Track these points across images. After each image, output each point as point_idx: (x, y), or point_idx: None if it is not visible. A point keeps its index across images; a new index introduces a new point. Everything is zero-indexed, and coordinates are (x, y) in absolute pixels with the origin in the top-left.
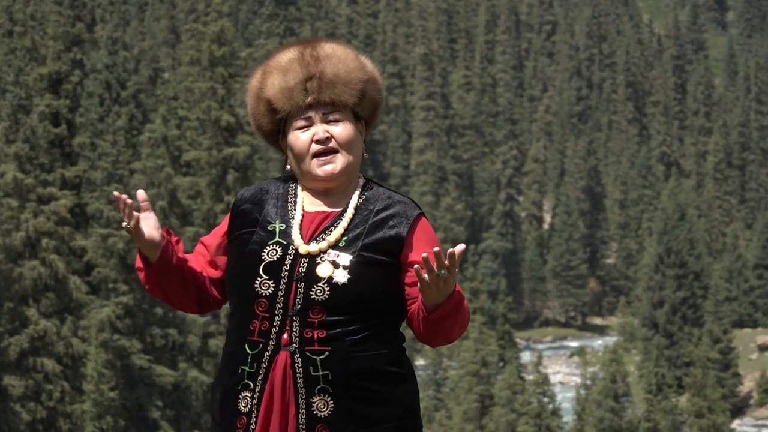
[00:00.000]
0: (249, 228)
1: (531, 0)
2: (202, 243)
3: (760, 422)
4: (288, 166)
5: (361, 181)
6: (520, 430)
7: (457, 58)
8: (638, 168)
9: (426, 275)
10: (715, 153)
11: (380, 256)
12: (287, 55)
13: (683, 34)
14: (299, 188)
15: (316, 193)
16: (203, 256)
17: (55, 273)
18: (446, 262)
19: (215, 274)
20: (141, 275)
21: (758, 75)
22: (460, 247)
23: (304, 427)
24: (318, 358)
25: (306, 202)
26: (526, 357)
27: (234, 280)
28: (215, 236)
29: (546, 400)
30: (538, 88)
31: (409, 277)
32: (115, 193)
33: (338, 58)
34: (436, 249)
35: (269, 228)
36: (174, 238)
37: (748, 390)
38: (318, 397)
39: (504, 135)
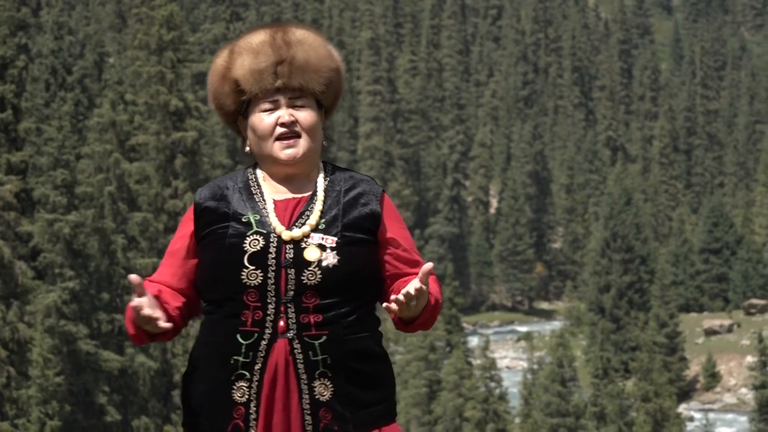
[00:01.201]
0: (220, 223)
1: None
2: (170, 254)
3: (707, 406)
4: (247, 148)
5: (321, 164)
6: (467, 414)
7: (403, 42)
8: (584, 153)
9: (395, 308)
10: (660, 138)
11: (361, 235)
12: (258, 38)
13: (629, 18)
14: (260, 178)
15: (279, 181)
16: (174, 274)
17: (0, 258)
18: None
19: (186, 286)
20: (136, 340)
21: (704, 60)
22: (428, 266)
23: (309, 412)
24: (316, 342)
25: (271, 191)
26: (473, 342)
27: (214, 276)
28: (181, 240)
29: (493, 384)
30: (484, 72)
31: (388, 255)
32: (134, 277)
33: (309, 44)
34: (394, 298)
35: (243, 220)
36: (163, 297)
37: (695, 374)
38: (319, 382)
39: (450, 120)
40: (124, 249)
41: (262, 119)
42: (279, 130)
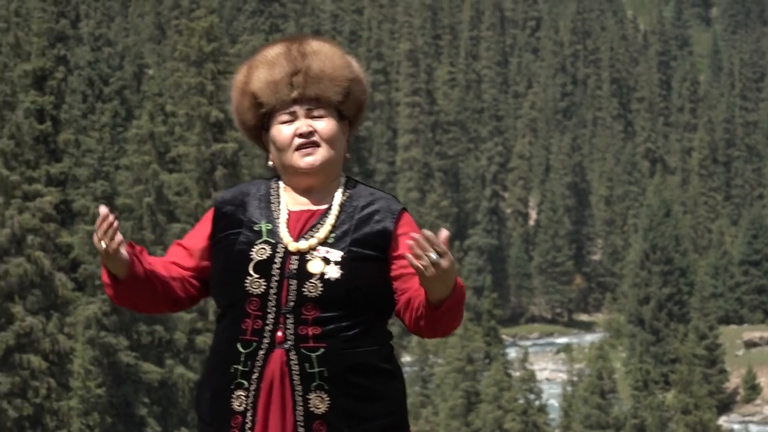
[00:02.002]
0: (234, 229)
1: None
2: (182, 245)
3: (747, 418)
4: (270, 162)
5: (343, 179)
6: (506, 426)
7: (442, 54)
8: (623, 164)
9: (418, 262)
10: (700, 149)
11: (369, 251)
12: (274, 50)
13: (668, 30)
14: (281, 188)
15: (299, 192)
16: (184, 257)
17: (41, 270)
18: (437, 246)
19: (192, 274)
20: (109, 291)
21: (742, 71)
22: (444, 233)
23: (302, 424)
24: (313, 354)
25: (289, 202)
26: (512, 353)
27: (222, 281)
28: (198, 239)
29: (532, 396)
30: (522, 84)
31: (395, 270)
32: (103, 209)
33: (325, 54)
34: (415, 235)
35: (255, 228)
36: (138, 249)
37: (735, 386)
38: (314, 394)
39: (489, 131)
40: None
41: (281, 131)
42: (297, 140)
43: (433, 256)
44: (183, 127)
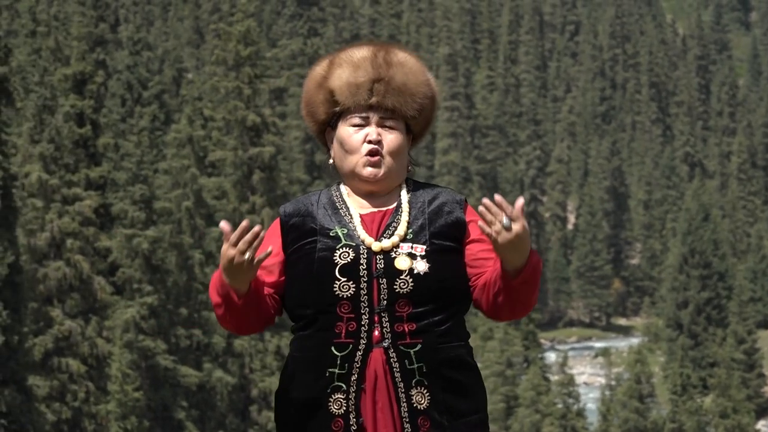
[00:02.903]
0: (308, 239)
1: (554, 0)
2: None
3: None
4: (331, 160)
5: (403, 181)
6: (544, 430)
7: (481, 58)
8: (662, 168)
9: (490, 229)
10: (739, 153)
11: (449, 243)
12: (360, 53)
13: (707, 34)
14: (345, 194)
15: (362, 196)
16: (265, 275)
17: (79, 273)
18: (507, 211)
19: (272, 290)
20: (220, 311)
21: None
22: (519, 200)
23: (407, 420)
24: (411, 350)
25: (356, 206)
26: (550, 357)
27: (308, 289)
28: (273, 255)
29: (571, 400)
30: (561, 88)
31: (468, 256)
32: (246, 223)
33: (409, 68)
34: (486, 200)
35: (331, 234)
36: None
37: None
38: (416, 390)
39: (527, 135)
40: (201, 264)
41: (351, 134)
42: (366, 147)
43: (505, 220)
44: (221, 132)
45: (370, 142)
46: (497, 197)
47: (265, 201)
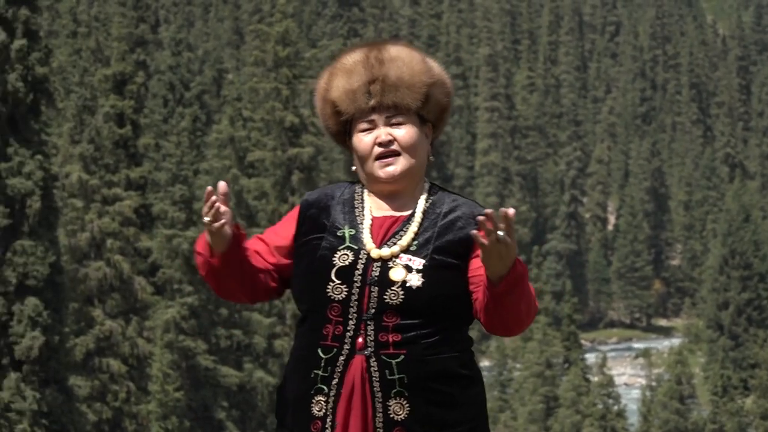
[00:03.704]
0: (317, 234)
1: (594, 1)
2: (263, 241)
3: None
4: (353, 167)
5: (427, 185)
6: (585, 431)
7: (521, 59)
8: (702, 169)
9: (485, 239)
10: None
11: (451, 259)
12: (352, 58)
13: (747, 34)
14: (365, 193)
15: (383, 197)
16: (265, 252)
17: (120, 274)
18: (501, 224)
19: (274, 268)
20: (200, 259)
21: None
22: (511, 210)
23: (381, 430)
24: (393, 361)
25: (373, 207)
26: (590, 358)
27: (305, 286)
28: (280, 238)
29: (611, 401)
30: (601, 89)
31: (471, 270)
32: (209, 188)
33: (402, 61)
34: (488, 210)
35: (338, 233)
36: (242, 233)
37: None
38: (394, 401)
39: (568, 136)
40: None
41: (361, 140)
42: (377, 149)
43: (501, 233)
44: (260, 132)
45: (380, 144)
46: (489, 211)
47: None
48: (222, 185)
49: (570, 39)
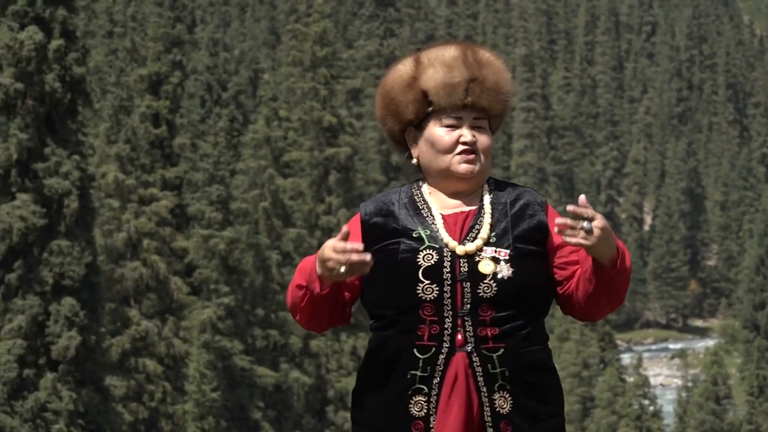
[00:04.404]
0: (391, 239)
1: (631, 1)
2: None
3: None
4: (414, 159)
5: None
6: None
7: (557, 59)
8: (739, 169)
9: (576, 239)
10: None
11: (532, 246)
12: (449, 52)
13: None
14: (426, 194)
15: (444, 197)
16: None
17: (156, 274)
18: (582, 214)
19: (348, 295)
20: (301, 293)
21: None
22: (581, 197)
23: (490, 425)
24: (494, 355)
25: (438, 206)
26: (626, 359)
27: (388, 291)
28: None
29: (647, 402)
30: (638, 89)
31: (559, 259)
32: (345, 232)
33: (498, 67)
34: (559, 220)
35: (414, 235)
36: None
37: None
38: (498, 394)
39: (604, 136)
40: (278, 265)
41: (443, 135)
42: (460, 147)
43: (585, 224)
44: (297, 132)
45: (465, 143)
46: (568, 208)
47: (342, 202)
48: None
49: (606, 39)
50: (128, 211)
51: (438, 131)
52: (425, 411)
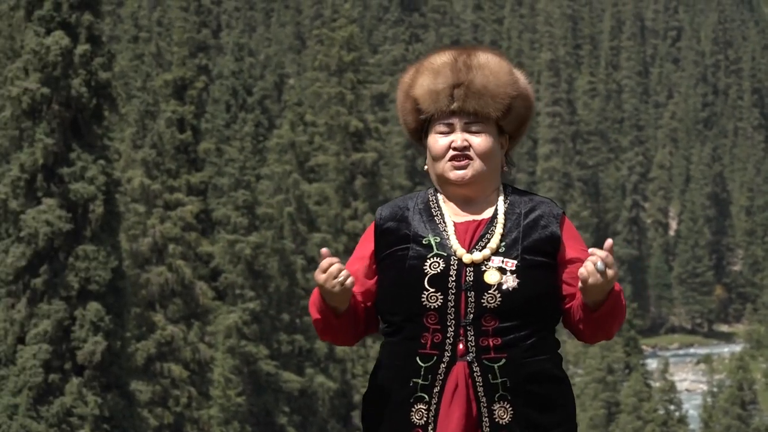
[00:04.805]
0: (401, 245)
1: (656, 6)
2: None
3: None
4: (425, 166)
5: (501, 187)
6: None
7: (583, 64)
8: (764, 174)
9: (590, 279)
10: None
11: (541, 258)
12: (441, 59)
13: None
14: (440, 200)
15: (459, 203)
16: (356, 288)
17: (181, 279)
18: (605, 258)
19: (369, 300)
20: (320, 324)
21: None
22: (609, 241)
23: None
24: (495, 365)
25: (451, 213)
26: (652, 364)
27: (396, 297)
28: (360, 261)
29: (672, 407)
30: (663, 94)
31: (567, 275)
32: (324, 250)
33: (490, 69)
34: (602, 253)
35: (424, 242)
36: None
37: None
38: (498, 405)
39: (629, 141)
40: (303, 270)
41: (437, 141)
42: (451, 153)
43: (600, 265)
44: (323, 137)
45: (455, 149)
46: (603, 254)
47: (367, 206)
48: (325, 251)
49: (632, 44)
50: (154, 216)
51: (432, 138)
52: (425, 419)
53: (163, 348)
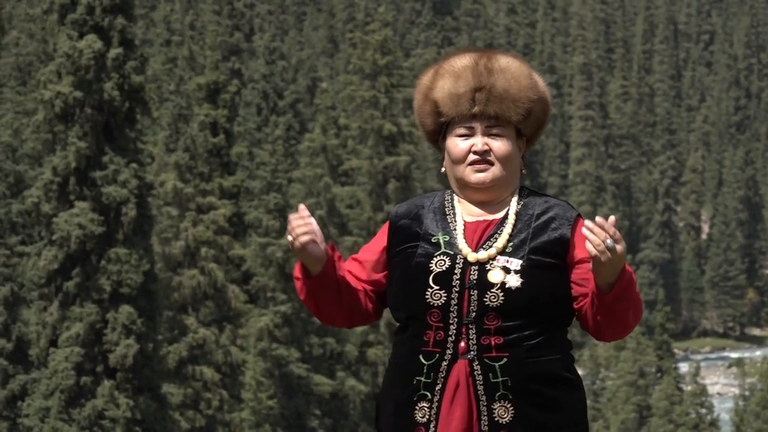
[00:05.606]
0: (411, 242)
1: (689, 10)
2: (356, 259)
3: None
4: (443, 169)
5: (517, 189)
6: None
7: (615, 67)
8: None
9: (595, 249)
10: None
11: (548, 259)
12: (462, 61)
13: None
14: (455, 200)
15: (473, 203)
16: (358, 270)
17: (213, 282)
18: (611, 232)
19: (370, 287)
20: (298, 284)
21: None
22: (612, 218)
23: None
24: (497, 364)
25: (464, 213)
26: (683, 367)
27: (402, 294)
28: (371, 252)
29: (704, 411)
30: (695, 97)
31: (576, 275)
32: (302, 206)
33: (511, 73)
34: (598, 218)
35: (433, 240)
36: (337, 254)
37: None
38: (498, 404)
39: (662, 145)
40: None
41: (457, 144)
42: (472, 157)
43: (609, 242)
44: (356, 140)
45: (476, 152)
46: (599, 219)
47: None
48: (301, 207)
49: (664, 48)
50: (186, 219)
51: (452, 141)
52: (427, 417)
53: (195, 351)
